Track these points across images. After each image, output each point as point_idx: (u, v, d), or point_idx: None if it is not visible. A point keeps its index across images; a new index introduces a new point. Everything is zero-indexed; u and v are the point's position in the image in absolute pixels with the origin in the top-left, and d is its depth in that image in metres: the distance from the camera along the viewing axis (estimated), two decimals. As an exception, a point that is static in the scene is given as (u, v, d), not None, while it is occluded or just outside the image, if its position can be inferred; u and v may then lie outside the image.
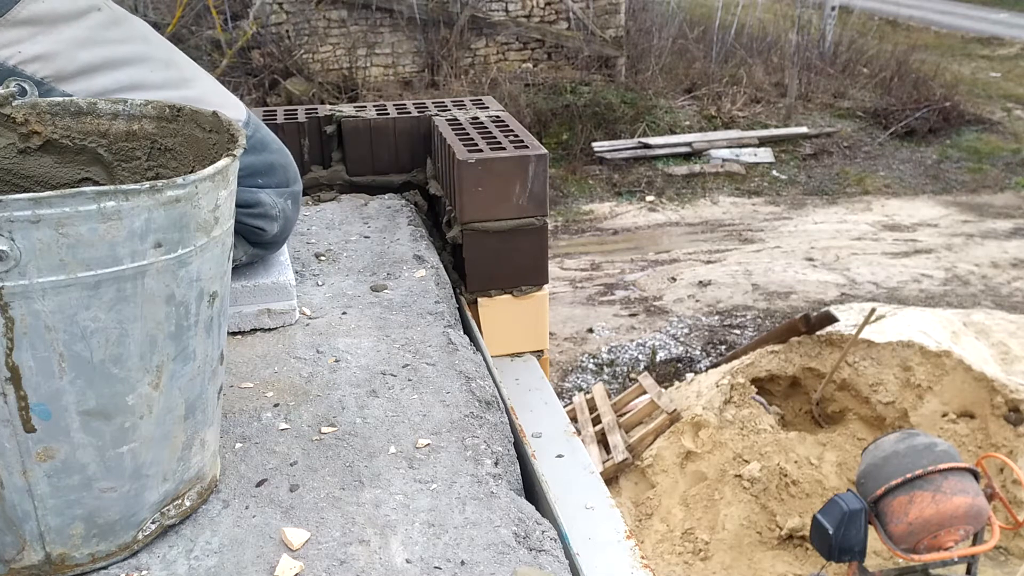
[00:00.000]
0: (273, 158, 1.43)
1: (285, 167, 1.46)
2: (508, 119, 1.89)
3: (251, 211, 1.37)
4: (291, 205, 1.46)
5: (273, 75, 11.09)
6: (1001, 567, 4.58)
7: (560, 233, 9.36)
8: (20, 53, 1.15)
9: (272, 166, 1.43)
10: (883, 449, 3.71)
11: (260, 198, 1.39)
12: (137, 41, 1.28)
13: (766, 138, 11.57)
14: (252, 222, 1.38)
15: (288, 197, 1.45)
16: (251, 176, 1.38)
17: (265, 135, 1.44)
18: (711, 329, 7.37)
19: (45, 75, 1.17)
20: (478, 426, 1.17)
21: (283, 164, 1.45)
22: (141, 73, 1.26)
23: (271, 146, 1.44)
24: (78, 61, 1.19)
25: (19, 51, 1.15)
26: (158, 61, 1.29)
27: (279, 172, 1.44)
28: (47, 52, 1.17)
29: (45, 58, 1.16)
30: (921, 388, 5.43)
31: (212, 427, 0.98)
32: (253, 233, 1.40)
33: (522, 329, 1.73)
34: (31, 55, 1.15)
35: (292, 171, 1.48)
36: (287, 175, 1.46)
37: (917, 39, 15.70)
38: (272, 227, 1.42)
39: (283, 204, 1.43)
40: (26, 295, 0.76)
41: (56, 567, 0.88)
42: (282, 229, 1.45)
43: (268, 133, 1.45)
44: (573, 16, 12.48)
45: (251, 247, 1.42)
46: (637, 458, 5.51)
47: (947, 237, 9.21)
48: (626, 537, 1.16)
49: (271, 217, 1.40)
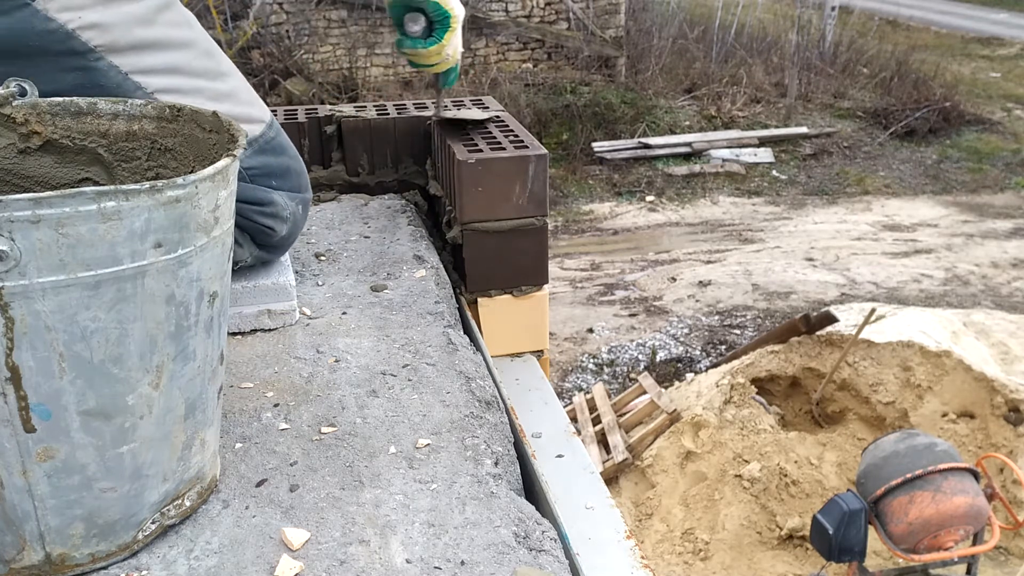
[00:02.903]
0: (290, 163, 1.46)
1: (300, 174, 1.48)
2: (508, 119, 1.89)
3: (263, 209, 1.39)
4: (301, 211, 1.48)
5: (273, 75, 11.09)
6: (1001, 567, 4.58)
7: (560, 233, 9.36)
8: (80, 18, 1.17)
9: (288, 170, 1.45)
10: (883, 449, 3.70)
11: (273, 198, 1.40)
12: (184, 27, 1.30)
13: (766, 138, 11.57)
14: (263, 221, 1.39)
15: (299, 203, 1.47)
16: (267, 176, 1.39)
17: (284, 140, 1.46)
18: (711, 329, 7.37)
19: (98, 44, 1.19)
20: (478, 426, 1.17)
21: (298, 171, 1.48)
22: (185, 58, 1.28)
23: (289, 151, 1.46)
24: (132, 36, 1.21)
25: (80, 16, 1.17)
26: (200, 49, 1.32)
27: (293, 177, 1.46)
28: (105, 22, 1.19)
29: (102, 27, 1.19)
30: (921, 388, 5.43)
31: (212, 427, 0.98)
32: (262, 233, 1.41)
33: (522, 329, 1.73)
34: (89, 22, 1.17)
35: (305, 179, 1.50)
36: (300, 181, 1.48)
37: (917, 39, 15.71)
38: (281, 228, 1.43)
39: (294, 208, 1.45)
40: (26, 295, 0.76)
41: (56, 567, 0.88)
42: (290, 233, 1.46)
43: (287, 139, 1.48)
44: (573, 16, 12.47)
45: (257, 248, 1.43)
46: (637, 458, 5.51)
47: (947, 237, 9.21)
48: (626, 537, 1.16)
49: (282, 218, 1.42)
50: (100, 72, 1.20)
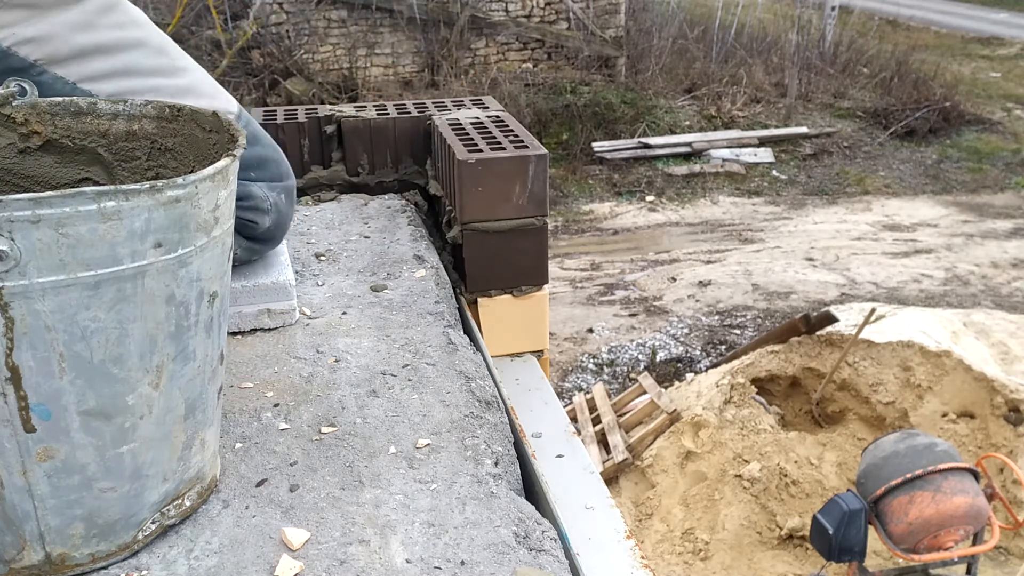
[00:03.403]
0: (265, 152, 1.43)
1: (277, 162, 1.46)
2: (508, 119, 1.89)
3: (242, 203, 1.36)
4: (284, 199, 1.45)
5: (273, 75, 11.09)
6: (1001, 567, 4.58)
7: (560, 233, 9.35)
8: (14, 35, 1.14)
9: (264, 160, 1.43)
10: (883, 449, 3.70)
11: (251, 191, 1.38)
12: (130, 27, 1.27)
13: (766, 138, 11.57)
14: (243, 215, 1.37)
15: (281, 191, 1.44)
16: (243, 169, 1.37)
17: (256, 129, 1.44)
18: (711, 329, 7.37)
19: (38, 57, 1.16)
20: (478, 426, 1.17)
21: (275, 159, 1.45)
22: (135, 59, 1.25)
23: (262, 140, 1.44)
24: (72, 44, 1.18)
25: (13, 33, 1.14)
26: (151, 48, 1.29)
27: (271, 166, 1.44)
28: (41, 35, 1.16)
29: (39, 41, 1.16)
30: (921, 388, 5.43)
31: (212, 427, 0.98)
32: (245, 227, 1.39)
33: (522, 329, 1.73)
34: (25, 37, 1.15)
35: (284, 166, 1.48)
36: (279, 170, 1.46)
37: (917, 39, 15.70)
38: (264, 220, 1.41)
39: (275, 198, 1.43)
40: (26, 295, 0.76)
41: (56, 567, 0.88)
42: (275, 223, 1.45)
43: (259, 128, 1.45)
44: (573, 16, 12.47)
45: (245, 240, 1.42)
46: (637, 458, 5.51)
47: (947, 237, 9.21)
48: (626, 537, 1.16)
49: (262, 210, 1.40)
50: (46, 86, 1.16)
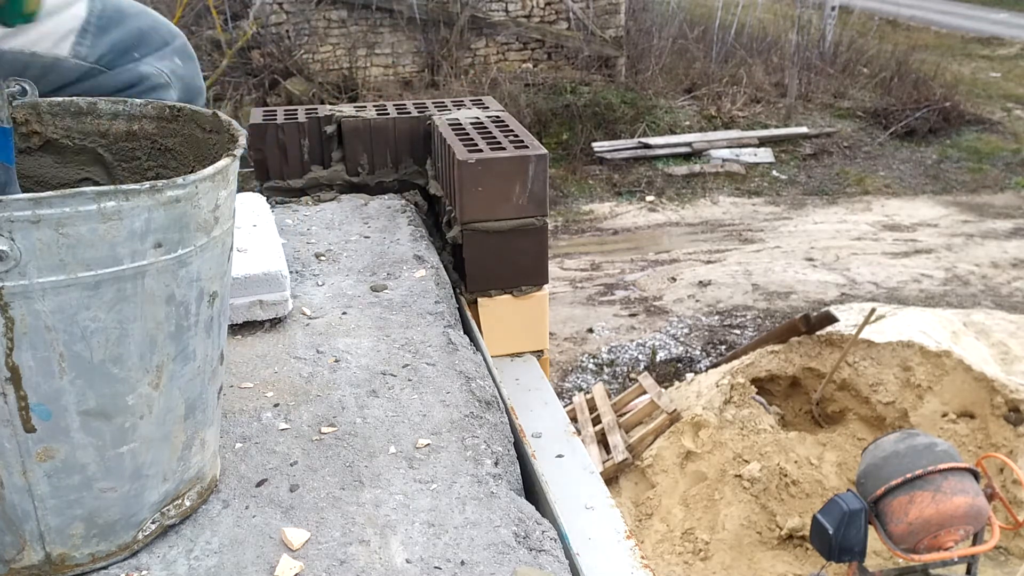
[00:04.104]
0: (136, 23, 1.32)
1: (154, 27, 1.34)
2: (508, 119, 1.89)
3: (139, 88, 1.28)
4: (180, 63, 1.34)
5: (273, 75, 11.09)
6: (1001, 567, 4.58)
7: (560, 233, 9.35)
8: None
9: (141, 32, 1.31)
10: (883, 449, 3.70)
11: (140, 71, 1.29)
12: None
13: (766, 138, 11.57)
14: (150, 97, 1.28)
15: (173, 55, 1.33)
16: (124, 53, 1.28)
17: (118, 3, 1.31)
18: (711, 329, 7.37)
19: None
20: (478, 426, 1.17)
21: (151, 25, 1.34)
22: None
23: (128, 12, 1.32)
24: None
25: None
26: None
27: (151, 35, 1.33)
28: None
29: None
30: (921, 388, 5.43)
31: (212, 427, 0.98)
32: None
33: (522, 329, 1.73)
34: None
35: (163, 27, 1.35)
36: (160, 35, 1.34)
37: (917, 39, 15.70)
38: (170, 94, 1.31)
39: (170, 66, 1.33)
40: (26, 295, 0.76)
41: (56, 567, 0.88)
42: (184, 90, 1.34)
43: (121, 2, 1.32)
44: (573, 16, 12.47)
45: None
46: (637, 458, 5.51)
47: (947, 237, 9.21)
48: (626, 537, 1.16)
49: (163, 86, 1.31)
50: None
